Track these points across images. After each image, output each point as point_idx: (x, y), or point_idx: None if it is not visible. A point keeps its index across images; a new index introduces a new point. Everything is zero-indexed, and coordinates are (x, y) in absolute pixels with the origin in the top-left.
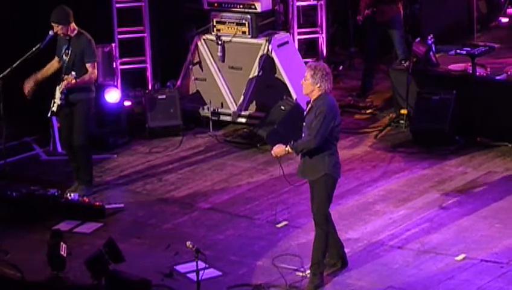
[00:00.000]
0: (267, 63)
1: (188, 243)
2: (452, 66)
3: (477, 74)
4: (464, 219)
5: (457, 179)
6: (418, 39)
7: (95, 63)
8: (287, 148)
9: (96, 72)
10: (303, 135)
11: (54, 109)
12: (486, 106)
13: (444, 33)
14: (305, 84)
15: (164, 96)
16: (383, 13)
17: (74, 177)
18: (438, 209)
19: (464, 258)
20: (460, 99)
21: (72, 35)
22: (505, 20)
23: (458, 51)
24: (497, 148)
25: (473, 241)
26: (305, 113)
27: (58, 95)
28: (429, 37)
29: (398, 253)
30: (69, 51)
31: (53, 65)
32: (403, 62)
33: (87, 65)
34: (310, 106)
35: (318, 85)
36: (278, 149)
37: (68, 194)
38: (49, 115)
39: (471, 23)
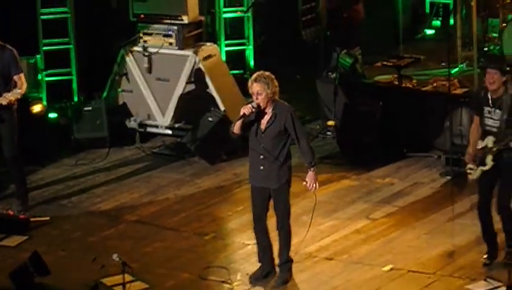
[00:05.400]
0: (195, 75)
1: (115, 255)
2: (379, 78)
3: (403, 85)
4: (391, 230)
5: (384, 190)
6: (345, 51)
7: (23, 73)
8: (313, 172)
9: (25, 83)
10: (262, 145)
11: None
12: (412, 117)
13: (370, 45)
14: (261, 99)
15: (90, 108)
16: (358, 12)
17: None
18: (366, 220)
19: (391, 269)
20: (386, 110)
21: None
22: (430, 32)
23: (384, 62)
24: (423, 160)
25: (400, 252)
26: (261, 123)
27: None
28: (355, 49)
29: (326, 264)
30: None
31: None
32: (330, 73)
33: (16, 77)
34: (270, 114)
35: (271, 95)
36: (314, 179)
37: None
38: None
39: (396, 34)
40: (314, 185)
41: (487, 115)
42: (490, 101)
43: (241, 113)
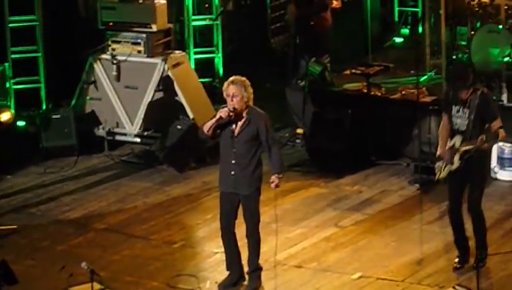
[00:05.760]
0: (163, 83)
1: (83, 264)
2: (347, 86)
3: (372, 93)
4: (359, 238)
5: (353, 198)
6: (314, 58)
7: None
8: (280, 176)
9: None
10: (234, 150)
11: None
12: (381, 125)
13: (339, 52)
14: (236, 101)
15: (59, 116)
16: (326, 20)
17: None
18: (334, 227)
19: (359, 277)
20: (355, 118)
21: None
22: (399, 40)
23: (353, 70)
24: (392, 167)
25: (369, 260)
26: (235, 127)
27: None
28: (324, 57)
29: (296, 272)
30: None
31: None
32: (299, 81)
33: None
34: (244, 119)
35: (246, 99)
36: (278, 181)
37: None
38: None
39: (365, 42)
40: (278, 184)
41: (455, 114)
42: (459, 100)
43: (218, 116)
